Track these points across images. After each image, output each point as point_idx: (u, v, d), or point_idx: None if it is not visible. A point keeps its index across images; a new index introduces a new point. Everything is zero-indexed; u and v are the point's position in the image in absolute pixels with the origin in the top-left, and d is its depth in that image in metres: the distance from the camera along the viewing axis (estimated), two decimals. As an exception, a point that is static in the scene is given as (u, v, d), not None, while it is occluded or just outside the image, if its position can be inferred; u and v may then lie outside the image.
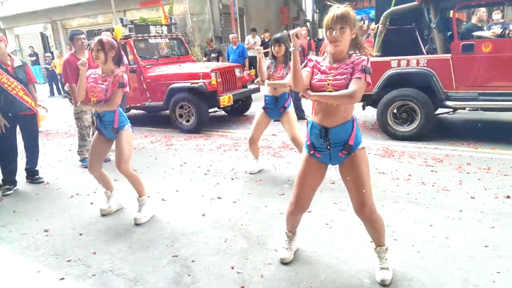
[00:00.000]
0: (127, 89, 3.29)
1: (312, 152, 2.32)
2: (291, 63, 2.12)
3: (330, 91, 2.11)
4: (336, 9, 2.08)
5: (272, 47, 3.99)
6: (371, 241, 2.48)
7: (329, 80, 2.13)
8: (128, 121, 3.43)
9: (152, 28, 7.81)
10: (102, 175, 3.59)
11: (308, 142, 2.32)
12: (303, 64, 2.26)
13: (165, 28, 8.02)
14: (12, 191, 4.39)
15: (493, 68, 4.80)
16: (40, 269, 2.78)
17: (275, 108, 4.10)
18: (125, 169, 3.32)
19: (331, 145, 2.22)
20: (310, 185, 2.40)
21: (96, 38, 3.21)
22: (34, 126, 4.54)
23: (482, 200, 3.40)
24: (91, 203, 3.91)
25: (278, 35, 4.00)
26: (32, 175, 4.70)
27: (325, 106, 2.17)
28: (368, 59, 2.13)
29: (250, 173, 4.49)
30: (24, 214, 3.77)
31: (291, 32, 2.14)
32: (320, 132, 2.21)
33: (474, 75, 4.92)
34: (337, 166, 2.36)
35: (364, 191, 2.22)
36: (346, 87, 2.08)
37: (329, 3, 2.16)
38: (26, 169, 4.69)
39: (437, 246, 2.70)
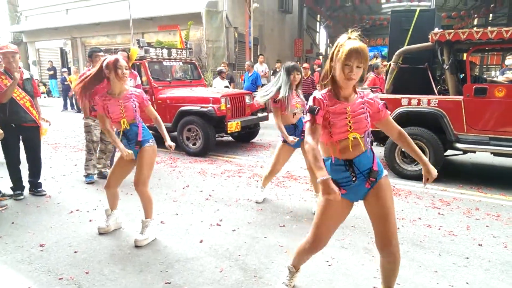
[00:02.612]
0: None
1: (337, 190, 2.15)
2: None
3: (355, 136, 2.02)
4: (352, 42, 1.94)
5: (292, 75, 3.93)
6: (374, 287, 2.37)
7: (350, 122, 2.02)
8: (152, 136, 3.40)
9: (152, 50, 7.68)
10: (115, 194, 3.56)
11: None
12: (316, 110, 2.02)
13: (165, 51, 7.95)
14: (23, 196, 4.53)
15: (506, 114, 4.75)
16: (30, 285, 2.71)
17: (295, 136, 3.98)
18: (142, 190, 3.29)
19: (357, 175, 2.08)
20: (332, 225, 2.24)
21: (120, 59, 3.14)
22: (36, 138, 4.56)
23: (490, 248, 3.27)
24: (90, 220, 3.86)
25: (293, 63, 4.02)
26: (35, 187, 4.70)
27: (347, 144, 2.04)
28: (375, 95, 2.13)
29: (256, 202, 4.40)
30: (21, 227, 3.72)
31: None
32: (344, 166, 2.08)
33: (486, 119, 4.87)
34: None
35: (390, 223, 2.10)
36: (368, 127, 2.04)
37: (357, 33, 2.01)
38: (29, 181, 4.69)
39: (441, 294, 2.59)
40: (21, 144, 4.55)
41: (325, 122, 2.05)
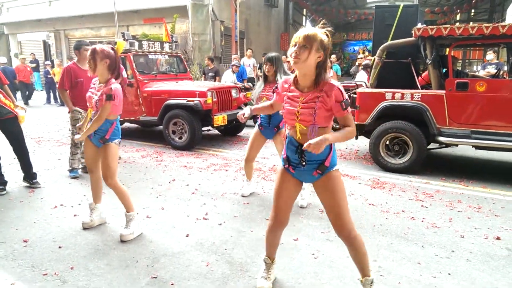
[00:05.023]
0: (116, 102, 3.17)
1: (286, 166, 2.29)
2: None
3: (300, 126, 2.12)
4: (306, 29, 2.04)
5: (264, 65, 4.04)
6: (358, 278, 2.41)
7: (298, 113, 2.12)
8: (120, 137, 3.39)
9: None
10: (97, 182, 3.54)
11: (284, 156, 2.30)
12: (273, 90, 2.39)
13: (136, 43, 7.56)
14: (5, 192, 4.44)
15: (487, 108, 4.86)
16: (14, 281, 2.67)
17: (268, 126, 4.06)
18: (112, 183, 3.28)
19: (307, 162, 2.17)
20: (286, 198, 2.35)
21: (92, 47, 3.15)
22: (16, 128, 4.49)
23: (471, 239, 3.36)
24: (74, 215, 3.81)
25: (271, 54, 4.05)
26: (31, 179, 4.67)
27: (296, 131, 2.16)
28: (339, 89, 2.03)
29: (242, 195, 4.41)
30: (4, 222, 3.66)
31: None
32: (296, 149, 2.19)
33: (467, 113, 4.97)
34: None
35: (340, 212, 2.19)
36: (313, 122, 2.06)
37: (327, 28, 2.07)
38: (24, 173, 4.67)
39: (423, 285, 2.64)
40: (4, 140, 4.47)
41: (283, 105, 2.23)
